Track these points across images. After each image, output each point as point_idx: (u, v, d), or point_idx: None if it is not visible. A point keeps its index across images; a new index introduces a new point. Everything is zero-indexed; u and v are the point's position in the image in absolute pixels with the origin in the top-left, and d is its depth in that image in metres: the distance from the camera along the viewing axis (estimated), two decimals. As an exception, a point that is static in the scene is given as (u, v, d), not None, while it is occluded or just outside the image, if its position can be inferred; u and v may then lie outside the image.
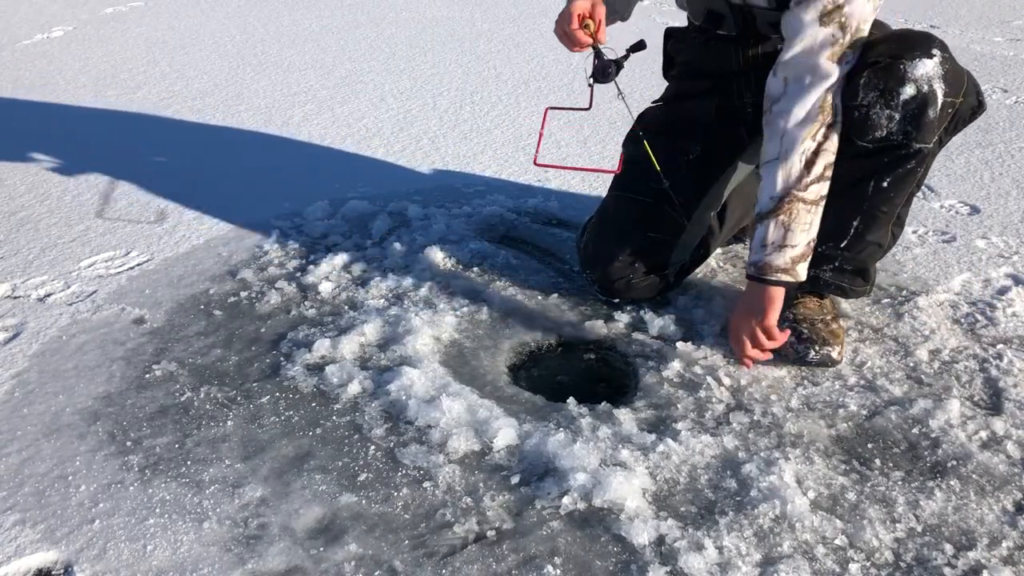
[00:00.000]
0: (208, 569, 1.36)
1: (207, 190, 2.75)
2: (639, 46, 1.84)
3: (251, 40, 4.67)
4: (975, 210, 2.54)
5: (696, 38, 1.96)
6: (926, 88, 1.60)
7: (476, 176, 2.87)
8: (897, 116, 1.62)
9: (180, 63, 4.22)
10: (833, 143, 1.66)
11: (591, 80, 1.80)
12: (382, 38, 4.69)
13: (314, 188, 2.76)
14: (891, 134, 1.64)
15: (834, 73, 1.62)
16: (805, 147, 1.64)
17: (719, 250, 2.29)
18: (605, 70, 1.79)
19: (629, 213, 1.97)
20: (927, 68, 1.60)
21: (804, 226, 1.67)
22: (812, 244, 1.71)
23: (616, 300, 2.04)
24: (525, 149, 3.07)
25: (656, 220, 1.95)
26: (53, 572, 1.37)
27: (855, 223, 1.74)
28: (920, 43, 1.63)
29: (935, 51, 1.61)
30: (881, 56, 1.62)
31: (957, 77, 1.64)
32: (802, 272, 1.71)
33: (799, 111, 1.64)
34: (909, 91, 1.60)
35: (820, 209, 1.69)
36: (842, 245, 1.77)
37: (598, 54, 1.78)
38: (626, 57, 1.82)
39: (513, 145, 3.11)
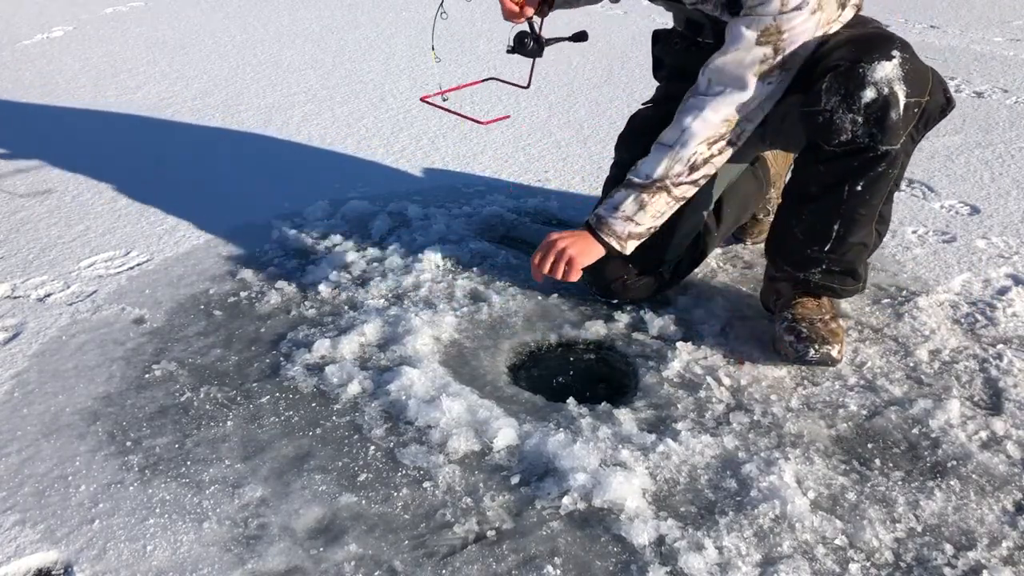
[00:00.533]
0: (208, 569, 1.36)
1: (207, 190, 2.76)
2: (580, 36, 1.90)
3: (251, 40, 4.67)
4: (975, 210, 2.54)
5: (679, 43, 2.00)
6: (887, 91, 1.60)
7: (476, 176, 2.87)
8: (860, 120, 1.62)
9: (180, 63, 4.22)
10: (722, 159, 1.78)
11: (509, 47, 1.86)
12: (382, 38, 4.70)
13: (314, 188, 2.76)
14: (856, 137, 1.64)
15: (753, 90, 1.70)
16: (697, 151, 1.75)
17: (719, 250, 2.29)
18: (521, 40, 1.84)
19: None
20: (886, 70, 1.60)
21: (656, 214, 1.81)
22: (652, 230, 1.84)
23: (615, 301, 2.04)
24: (525, 149, 3.07)
25: None
26: (53, 572, 1.37)
27: (835, 227, 1.75)
28: (879, 45, 1.63)
29: (895, 52, 1.61)
30: (842, 60, 1.63)
31: (919, 76, 1.64)
32: (630, 248, 1.85)
33: (709, 115, 1.73)
34: (870, 94, 1.60)
35: (677, 206, 1.83)
36: (826, 248, 1.78)
37: (530, 26, 1.82)
38: (555, 40, 1.87)
39: (513, 145, 3.11)
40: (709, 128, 1.73)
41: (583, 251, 1.85)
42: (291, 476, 1.54)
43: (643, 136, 2.04)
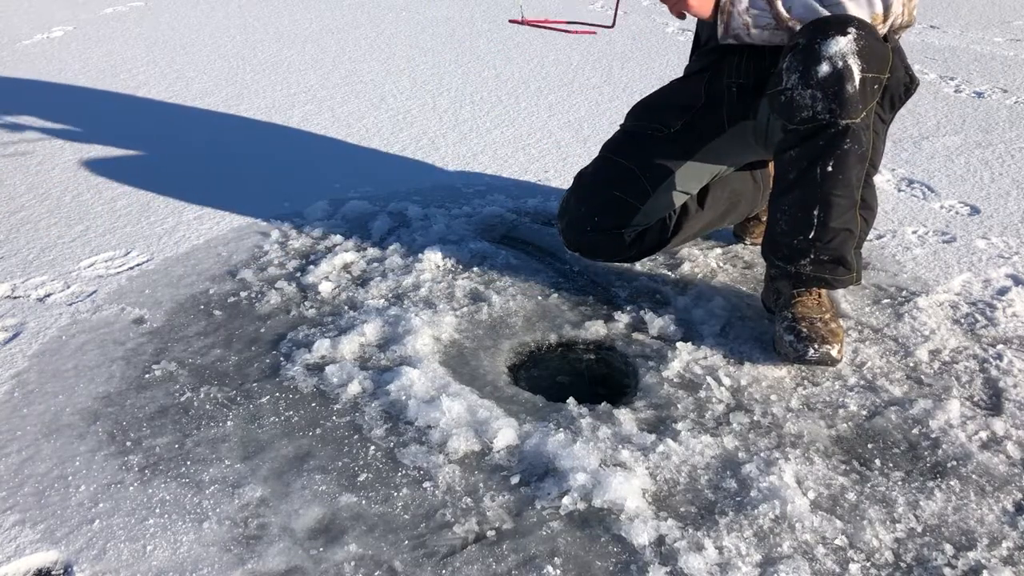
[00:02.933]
0: (208, 569, 1.36)
1: (207, 190, 2.75)
2: None
3: (251, 40, 4.67)
4: (975, 210, 2.54)
5: None
6: (841, 64, 1.65)
7: (476, 176, 2.87)
8: (819, 94, 1.67)
9: (180, 63, 4.22)
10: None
11: None
12: (382, 38, 4.69)
13: (314, 188, 2.76)
14: (817, 113, 1.69)
15: None
16: None
17: (719, 250, 2.29)
18: None
19: (605, 172, 2.06)
20: (840, 45, 1.65)
21: (764, 36, 1.78)
22: (748, 35, 1.78)
23: (578, 254, 2.13)
24: (525, 149, 3.07)
25: (625, 182, 2.03)
26: (53, 572, 1.37)
27: (816, 213, 1.77)
28: (836, 23, 1.68)
29: (850, 29, 1.66)
30: (801, 38, 1.69)
31: (877, 53, 1.68)
32: (724, 25, 1.80)
33: None
34: (825, 68, 1.66)
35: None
36: (811, 236, 1.80)
37: None
38: None
39: (513, 145, 3.11)
40: None
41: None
42: (291, 476, 1.54)
43: (649, 108, 2.08)
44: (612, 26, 2.03)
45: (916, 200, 2.61)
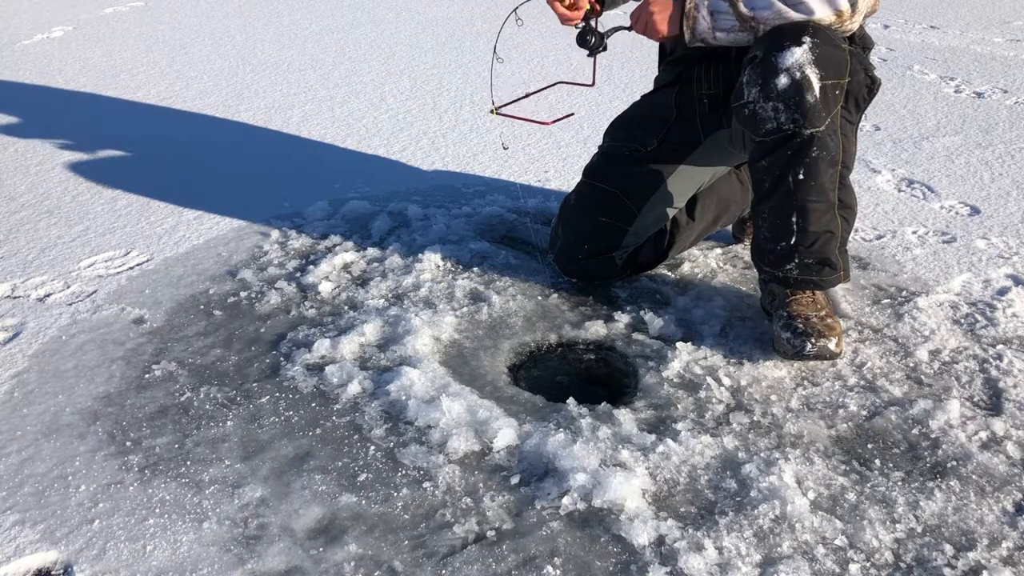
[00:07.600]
0: (208, 569, 1.36)
1: (207, 190, 2.75)
2: (622, 27, 1.94)
3: (251, 40, 4.67)
4: (975, 210, 2.54)
5: None
6: (799, 75, 1.65)
7: (476, 176, 2.87)
8: (781, 106, 1.68)
9: (180, 63, 4.22)
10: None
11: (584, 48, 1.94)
12: (382, 38, 4.70)
13: (314, 188, 2.76)
14: (781, 125, 1.69)
15: None
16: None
17: (719, 250, 2.29)
18: (583, 37, 1.91)
19: (588, 199, 2.08)
20: (796, 56, 1.65)
21: (734, 42, 1.78)
22: (714, 37, 1.79)
23: (573, 280, 2.14)
24: (525, 149, 3.07)
25: (609, 206, 2.05)
26: (53, 572, 1.37)
27: (794, 219, 1.78)
28: (791, 33, 1.68)
29: (805, 38, 1.66)
30: (758, 51, 1.70)
31: (834, 59, 1.69)
32: (692, 44, 1.81)
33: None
34: (784, 80, 1.66)
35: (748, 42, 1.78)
36: (792, 242, 1.80)
37: (587, 25, 1.91)
38: (611, 32, 1.94)
39: (513, 145, 3.11)
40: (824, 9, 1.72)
41: (663, 18, 1.82)
42: (291, 476, 1.54)
43: (624, 125, 2.12)
44: (592, 84, 2.04)
45: (916, 200, 2.61)
